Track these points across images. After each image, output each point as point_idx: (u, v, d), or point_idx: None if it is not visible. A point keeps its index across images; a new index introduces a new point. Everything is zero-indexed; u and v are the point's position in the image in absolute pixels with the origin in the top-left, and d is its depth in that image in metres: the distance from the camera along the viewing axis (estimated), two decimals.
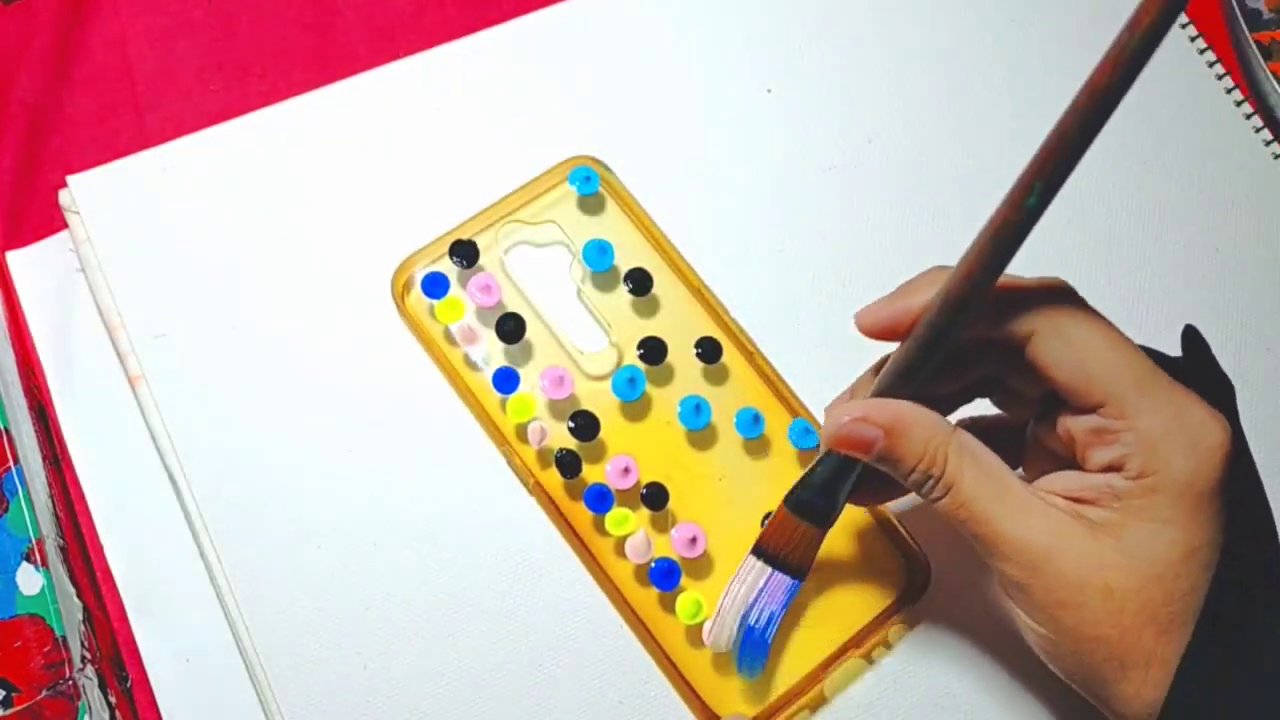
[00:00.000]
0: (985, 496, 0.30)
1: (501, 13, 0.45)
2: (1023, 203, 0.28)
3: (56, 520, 0.38)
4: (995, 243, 0.29)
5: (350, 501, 0.39)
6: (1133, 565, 0.29)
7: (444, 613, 0.38)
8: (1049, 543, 0.29)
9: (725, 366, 0.40)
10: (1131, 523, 0.29)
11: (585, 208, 0.42)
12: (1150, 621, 0.29)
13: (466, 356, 0.40)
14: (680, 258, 0.41)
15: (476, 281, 0.40)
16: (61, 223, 0.42)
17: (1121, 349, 0.30)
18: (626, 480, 0.38)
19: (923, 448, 0.31)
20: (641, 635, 0.37)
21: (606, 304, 0.41)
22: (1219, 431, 0.29)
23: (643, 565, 0.37)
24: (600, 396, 0.39)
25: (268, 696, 0.37)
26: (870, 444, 0.31)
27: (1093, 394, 0.29)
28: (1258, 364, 0.43)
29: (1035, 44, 0.46)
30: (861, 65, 0.45)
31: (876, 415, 0.31)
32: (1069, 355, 0.30)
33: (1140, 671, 0.29)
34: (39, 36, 0.45)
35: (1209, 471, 0.29)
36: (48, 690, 0.35)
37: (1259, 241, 0.44)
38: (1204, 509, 0.29)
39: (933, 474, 0.31)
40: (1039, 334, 0.30)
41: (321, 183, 0.42)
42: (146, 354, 0.40)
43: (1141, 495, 0.29)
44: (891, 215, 0.43)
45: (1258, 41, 0.47)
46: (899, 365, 0.32)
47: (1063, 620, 0.29)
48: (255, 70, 0.45)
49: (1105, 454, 0.30)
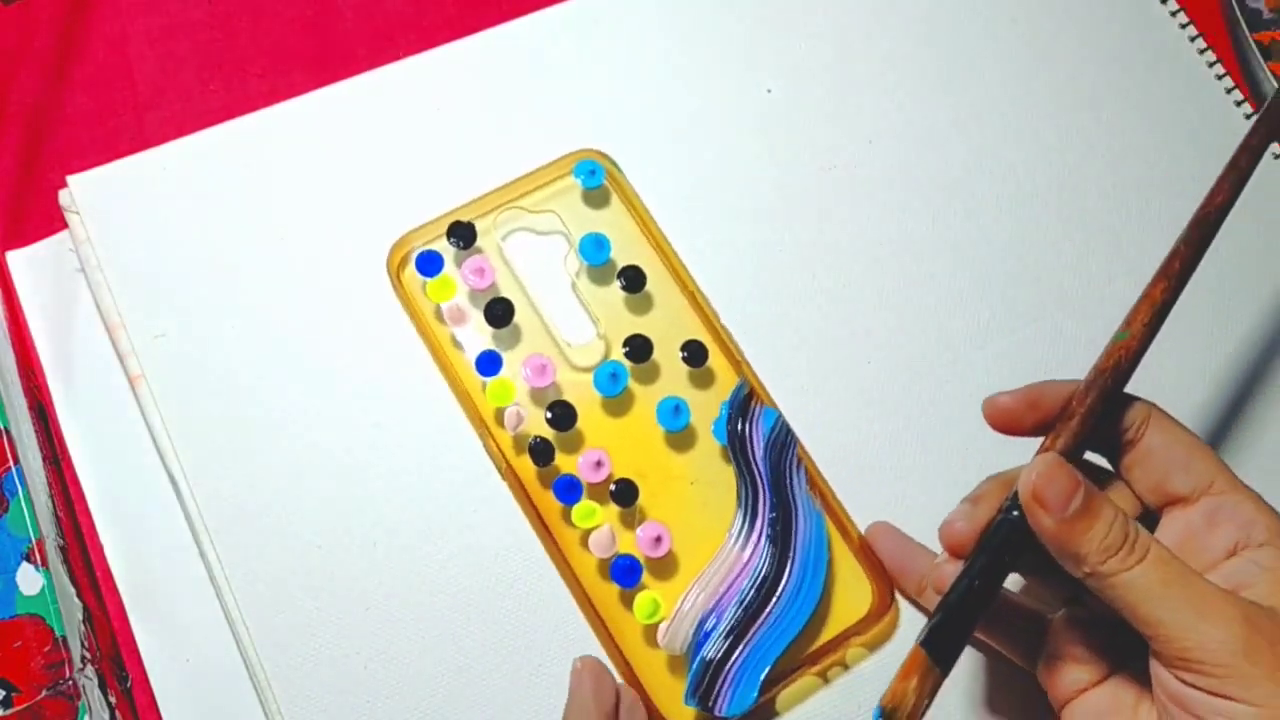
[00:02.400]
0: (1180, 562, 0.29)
1: (501, 13, 0.45)
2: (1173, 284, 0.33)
3: (56, 520, 0.38)
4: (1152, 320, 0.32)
5: (350, 501, 0.39)
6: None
7: (444, 613, 0.38)
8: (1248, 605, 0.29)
9: (710, 371, 0.40)
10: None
11: (588, 201, 0.42)
12: None
13: (453, 336, 0.40)
14: (677, 259, 0.41)
15: (471, 264, 0.40)
16: (61, 223, 0.42)
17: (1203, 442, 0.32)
18: (598, 474, 0.38)
19: (1115, 508, 0.30)
20: (598, 630, 0.37)
21: (598, 298, 0.41)
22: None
23: (605, 560, 0.37)
24: (581, 388, 0.39)
25: (268, 696, 0.37)
26: (1070, 496, 0.30)
27: (1199, 473, 0.31)
28: (1258, 364, 0.43)
29: (1035, 44, 0.46)
30: (861, 65, 0.45)
31: (1073, 470, 0.30)
32: (1178, 435, 0.32)
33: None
34: (39, 36, 0.45)
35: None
36: (48, 690, 0.35)
37: (1259, 241, 0.44)
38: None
39: (1129, 532, 0.30)
40: (1154, 418, 0.32)
41: (321, 183, 0.42)
42: (146, 354, 0.40)
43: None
44: (891, 215, 0.43)
45: (1258, 41, 0.47)
46: (1061, 447, 0.32)
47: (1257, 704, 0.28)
48: (255, 70, 0.45)
49: (1229, 532, 0.30)
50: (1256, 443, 0.42)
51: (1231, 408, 0.42)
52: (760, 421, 0.39)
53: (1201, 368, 0.43)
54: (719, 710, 0.36)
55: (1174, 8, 0.47)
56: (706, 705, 0.36)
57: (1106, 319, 0.43)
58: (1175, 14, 0.47)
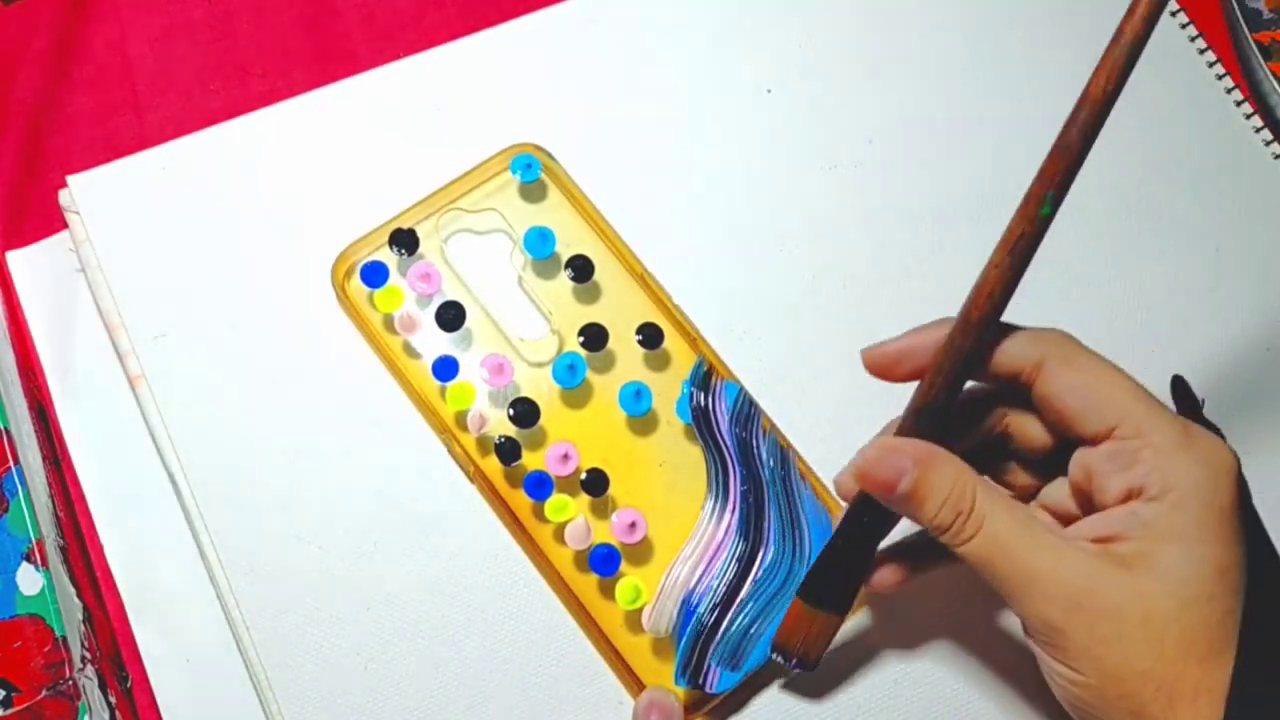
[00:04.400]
0: (1018, 534, 0.30)
1: (501, 13, 0.45)
2: (1037, 214, 0.29)
3: (56, 520, 0.38)
4: (1013, 257, 0.30)
5: (350, 501, 0.39)
6: (1169, 590, 0.28)
7: (444, 613, 0.38)
8: (1085, 578, 0.29)
9: (667, 352, 0.40)
10: (1161, 547, 0.29)
11: (527, 195, 0.42)
12: (1192, 649, 0.28)
13: (407, 344, 0.40)
14: (623, 244, 0.41)
15: (416, 270, 0.40)
16: (61, 223, 0.42)
17: (1124, 376, 0.30)
18: (566, 467, 0.38)
19: (951, 483, 0.30)
20: (582, 621, 0.37)
21: (547, 291, 0.41)
22: (1224, 449, 0.30)
23: (582, 551, 0.38)
24: (540, 383, 0.40)
25: (268, 696, 0.37)
26: (897, 478, 0.31)
27: (1104, 416, 0.30)
28: (1258, 364, 0.43)
29: (1034, 44, 0.46)
30: (861, 65, 0.45)
31: (907, 448, 0.31)
32: (1078, 379, 0.30)
33: (1188, 706, 0.28)
34: (39, 36, 0.45)
35: (1226, 488, 0.29)
36: (48, 690, 0.35)
37: (1259, 241, 0.44)
38: (1226, 527, 0.29)
39: (961, 509, 0.30)
40: (1048, 362, 0.30)
41: (321, 183, 0.42)
42: (146, 354, 0.40)
43: (1168, 513, 0.29)
44: (891, 215, 0.43)
45: (1258, 41, 0.47)
46: (919, 402, 0.31)
47: (1105, 659, 0.28)
48: (255, 70, 0.45)
49: (1124, 479, 0.29)
50: (1258, 444, 0.42)
51: (1232, 407, 0.42)
52: (723, 396, 0.39)
53: (1201, 367, 0.43)
54: (709, 687, 0.36)
55: (1174, 8, 0.47)
56: (696, 683, 0.36)
57: (1105, 318, 0.43)
58: (1175, 14, 0.47)
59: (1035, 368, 0.31)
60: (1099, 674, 0.29)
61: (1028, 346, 0.31)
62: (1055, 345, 0.31)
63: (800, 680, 0.38)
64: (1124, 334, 0.43)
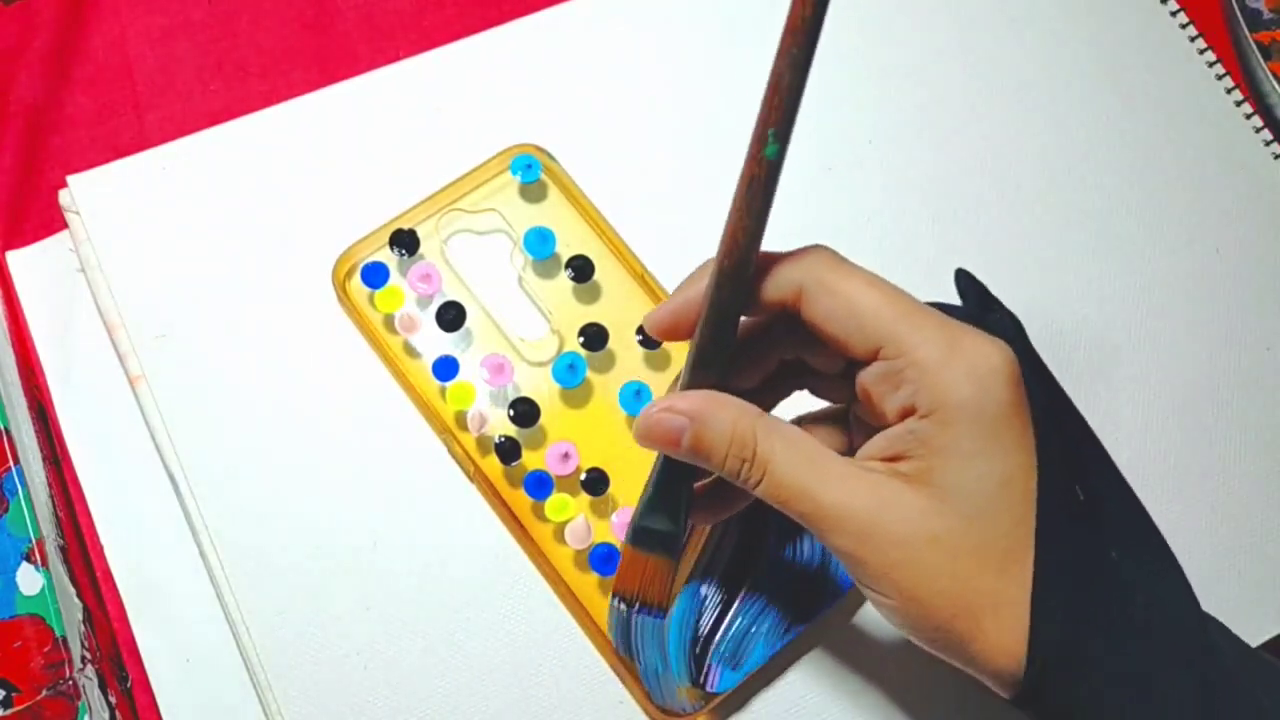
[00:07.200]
0: (801, 471, 0.29)
1: (501, 13, 0.45)
2: (761, 154, 0.28)
3: (56, 520, 0.38)
4: (748, 199, 0.29)
5: (351, 501, 0.39)
6: (951, 506, 0.28)
7: (444, 613, 0.38)
8: (872, 505, 0.29)
9: (667, 352, 0.40)
10: (938, 463, 0.28)
11: (527, 196, 0.42)
12: (986, 563, 0.28)
13: (407, 344, 0.40)
14: (623, 244, 0.41)
15: (416, 270, 0.40)
16: (61, 223, 0.42)
17: (885, 290, 0.30)
18: (566, 466, 0.38)
19: (730, 430, 0.30)
20: (582, 620, 0.37)
21: (548, 291, 0.41)
22: (996, 355, 0.29)
23: (582, 550, 0.38)
24: (541, 383, 0.40)
25: (268, 697, 0.37)
26: (678, 435, 0.30)
27: (867, 337, 0.29)
28: (1258, 364, 0.43)
29: (1033, 44, 0.46)
30: (861, 66, 0.45)
31: (680, 404, 0.30)
32: (836, 304, 0.30)
33: (992, 619, 0.28)
34: (39, 36, 0.45)
35: (998, 396, 0.28)
36: (48, 690, 0.35)
37: (1259, 241, 0.44)
38: (1004, 436, 0.28)
39: (744, 456, 0.30)
40: (806, 291, 0.30)
41: (321, 183, 0.42)
42: (146, 354, 0.40)
43: (939, 431, 0.28)
44: (891, 215, 0.43)
45: (1258, 41, 0.47)
46: (694, 354, 0.31)
47: (902, 582, 0.28)
48: (255, 70, 0.45)
49: (897, 398, 0.29)
50: (1258, 444, 0.42)
51: (1231, 407, 0.42)
52: None
53: (1202, 367, 0.43)
54: (710, 686, 0.36)
55: (1174, 8, 0.47)
56: (697, 683, 0.36)
57: (1106, 318, 0.43)
58: (1175, 14, 0.47)
59: (797, 296, 0.30)
60: (900, 597, 0.29)
61: (786, 275, 0.30)
62: (812, 270, 0.30)
63: (801, 680, 0.38)
64: (1123, 333, 0.43)
